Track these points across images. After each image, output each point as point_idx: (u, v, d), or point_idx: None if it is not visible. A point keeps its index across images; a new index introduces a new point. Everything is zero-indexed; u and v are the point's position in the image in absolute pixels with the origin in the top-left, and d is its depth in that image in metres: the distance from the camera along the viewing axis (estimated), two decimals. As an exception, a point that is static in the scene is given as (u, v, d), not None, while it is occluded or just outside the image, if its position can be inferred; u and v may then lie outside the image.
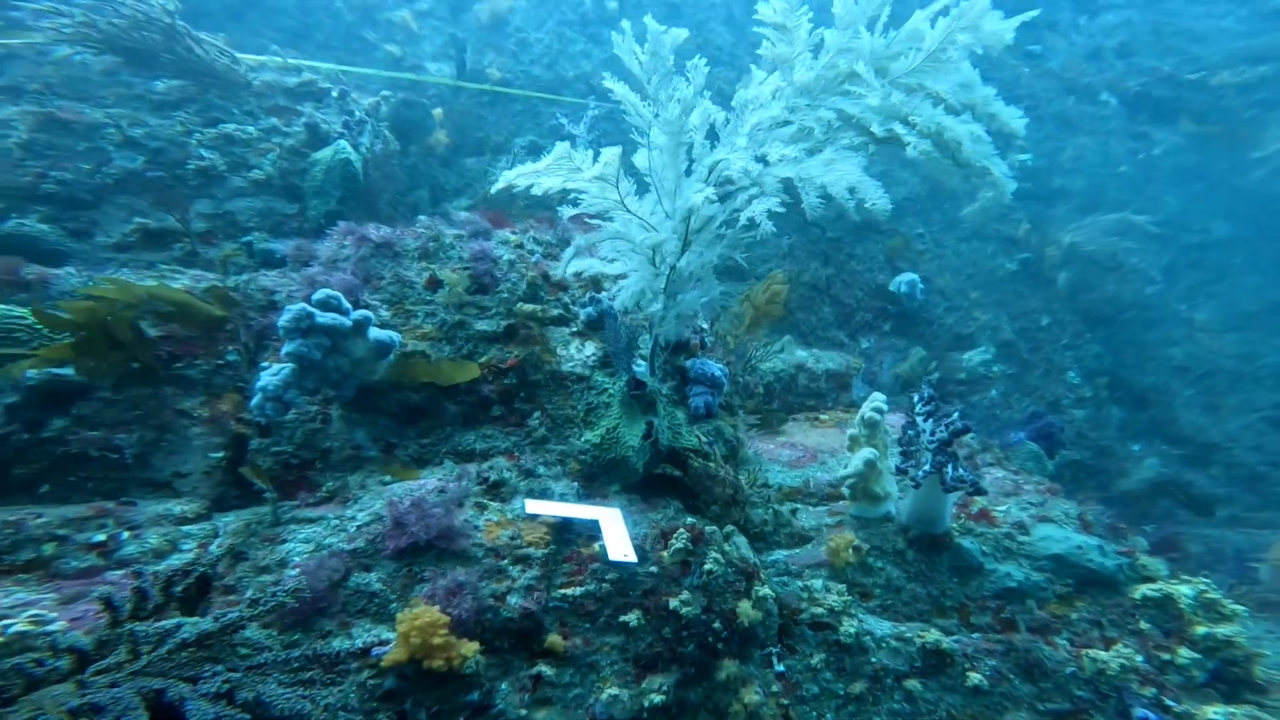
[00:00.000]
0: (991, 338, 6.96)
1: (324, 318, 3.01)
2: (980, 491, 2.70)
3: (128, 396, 2.94)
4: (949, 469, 2.68)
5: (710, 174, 3.07)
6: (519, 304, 3.69)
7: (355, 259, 3.73)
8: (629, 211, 3.18)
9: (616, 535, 2.76)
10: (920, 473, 2.85)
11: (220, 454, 3.00)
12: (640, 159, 3.15)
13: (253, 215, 4.60)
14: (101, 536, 2.48)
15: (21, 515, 2.51)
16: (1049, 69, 9.55)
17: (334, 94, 5.34)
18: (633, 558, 2.69)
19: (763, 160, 3.04)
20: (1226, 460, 6.43)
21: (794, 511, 3.56)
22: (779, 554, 3.38)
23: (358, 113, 5.31)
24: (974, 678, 2.43)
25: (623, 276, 3.41)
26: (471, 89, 8.28)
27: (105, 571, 2.36)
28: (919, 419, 3.03)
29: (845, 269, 7.28)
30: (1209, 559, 5.18)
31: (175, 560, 2.47)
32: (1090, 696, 2.40)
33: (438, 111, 6.79)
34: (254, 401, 3.02)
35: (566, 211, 3.18)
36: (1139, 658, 2.41)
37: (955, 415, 2.80)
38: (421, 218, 4.08)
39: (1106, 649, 2.47)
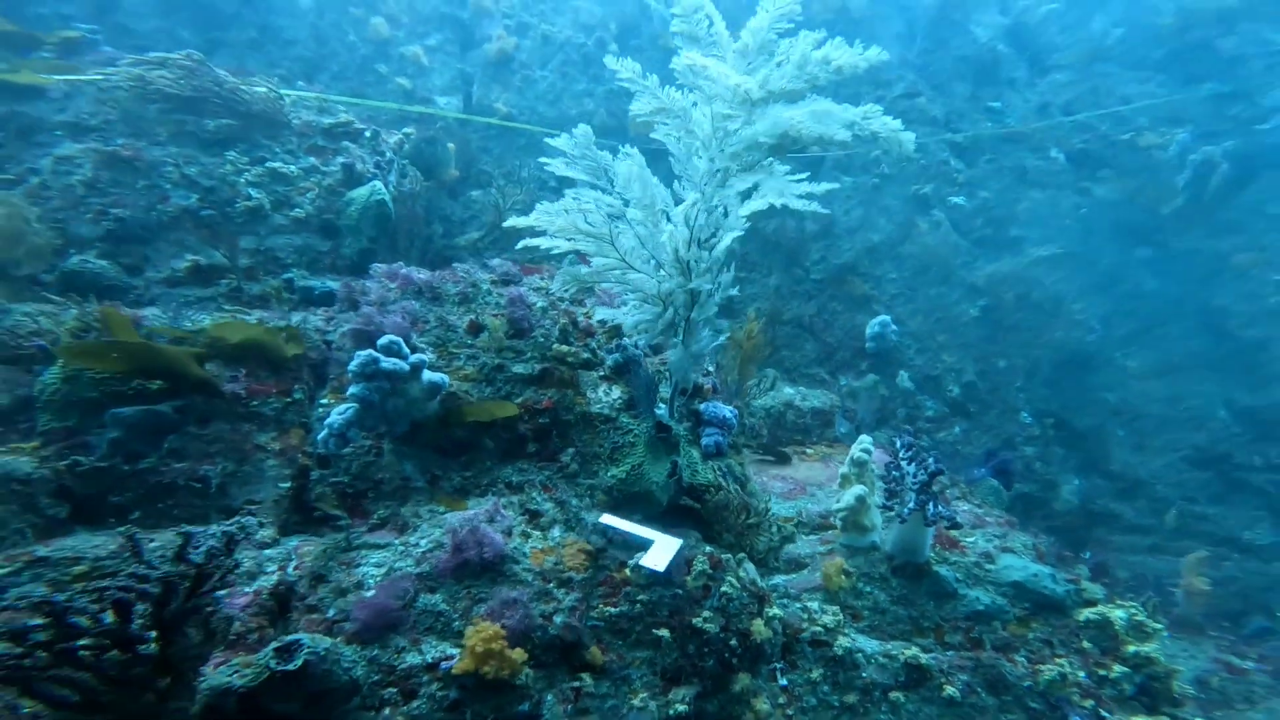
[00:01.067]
0: (956, 379, 7.63)
1: (387, 363, 3.36)
2: (956, 526, 3.22)
3: (212, 431, 3.23)
4: (930, 506, 3.20)
5: (687, 222, 3.48)
6: (554, 348, 4.07)
7: (402, 302, 4.08)
8: (632, 268, 3.60)
9: (661, 554, 3.18)
10: (906, 509, 3.36)
11: (288, 484, 3.31)
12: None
13: (291, 251, 4.88)
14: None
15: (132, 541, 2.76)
16: (1007, 124, 10.43)
17: (367, 134, 5.66)
18: (659, 568, 3.10)
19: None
20: (1150, 494, 7.21)
21: (789, 539, 4.03)
22: (778, 578, 3.85)
23: (387, 152, 5.64)
24: (949, 690, 2.92)
25: (641, 328, 3.80)
26: (478, 123, 8.64)
27: (212, 592, 2.66)
28: (903, 462, 3.55)
29: (827, 309, 7.89)
30: (1134, 583, 5.87)
31: (264, 581, 2.79)
32: (1042, 708, 2.91)
33: (451, 145, 7.14)
34: (320, 436, 3.35)
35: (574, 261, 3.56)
36: (1081, 673, 2.94)
37: (930, 460, 3.33)
38: (458, 264, 4.44)
39: (1053, 664, 3.00)
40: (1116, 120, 10.81)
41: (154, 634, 1.86)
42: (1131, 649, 3.02)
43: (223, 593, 2.51)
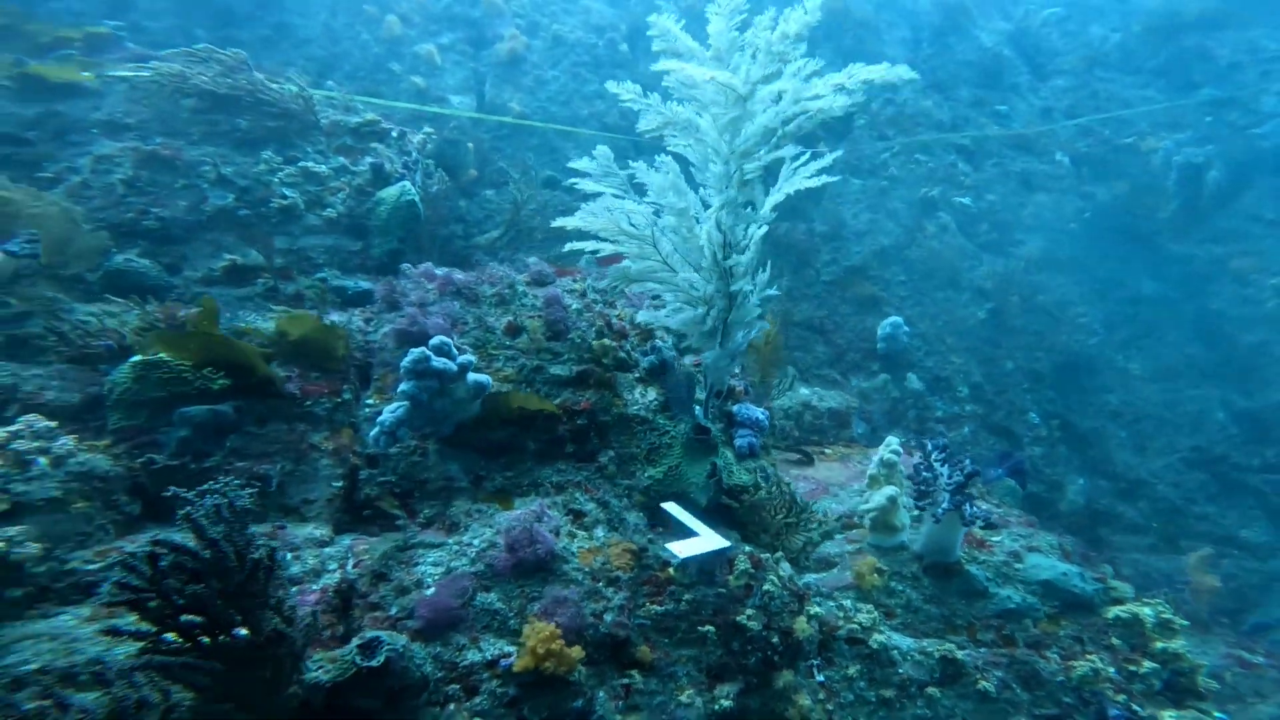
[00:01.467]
0: (964, 379, 7.78)
1: (437, 362, 3.43)
2: (992, 526, 3.35)
3: (270, 431, 3.29)
4: (967, 507, 3.32)
5: (718, 225, 3.60)
6: (595, 343, 4.13)
7: (442, 303, 4.14)
8: (671, 269, 3.71)
9: (693, 545, 3.27)
10: (940, 509, 3.48)
11: (340, 483, 3.38)
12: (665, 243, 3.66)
13: (322, 251, 4.92)
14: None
15: None
16: (1013, 129, 10.60)
17: (393, 134, 5.69)
18: (677, 555, 3.21)
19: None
20: (1150, 495, 7.41)
21: (829, 536, 4.14)
22: (810, 577, 3.96)
23: (413, 152, 5.68)
24: (983, 685, 3.05)
25: (684, 330, 3.91)
26: (490, 123, 8.67)
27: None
28: (935, 464, 3.67)
29: (837, 311, 8.01)
30: (1140, 580, 6.04)
31: (328, 580, 2.86)
32: (1074, 702, 3.05)
33: (470, 145, 7.18)
34: (372, 434, 3.42)
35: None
36: (1111, 669, 3.08)
37: (967, 461, 3.45)
38: (493, 265, 4.50)
39: (1084, 660, 3.13)
40: (1118, 125, 11.02)
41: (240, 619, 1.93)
42: (1159, 645, 3.16)
43: (295, 589, 2.57)
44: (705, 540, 3.34)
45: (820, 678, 3.31)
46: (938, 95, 10.76)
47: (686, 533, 3.51)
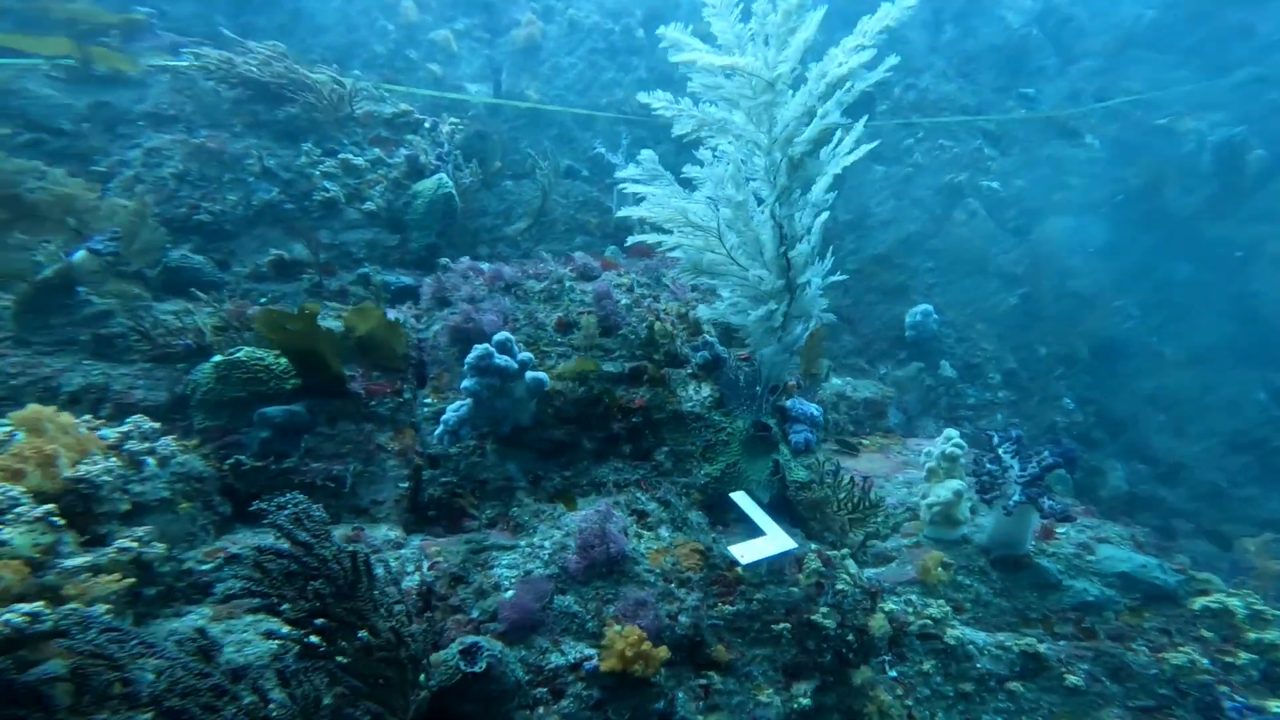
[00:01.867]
0: (997, 366, 7.69)
1: (500, 359, 3.37)
2: (1070, 519, 3.29)
3: (340, 431, 3.25)
4: (1045, 500, 3.26)
5: (774, 217, 3.54)
6: (647, 338, 4.07)
7: (493, 299, 4.07)
8: (736, 263, 3.64)
9: (757, 547, 3.23)
10: (1012, 502, 3.42)
11: (406, 484, 3.34)
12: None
13: (362, 246, 4.86)
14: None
15: None
16: (1040, 111, 10.42)
17: (426, 125, 5.60)
18: (743, 561, 3.16)
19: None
20: (1192, 479, 7.33)
21: (897, 529, 4.08)
22: (869, 572, 3.91)
23: (445, 144, 5.59)
24: (1071, 679, 3.01)
25: (749, 325, 3.83)
26: (507, 112, 8.54)
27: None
28: (1005, 456, 3.60)
29: (862, 300, 7.92)
30: (1199, 566, 5.98)
31: (409, 581, 2.82)
32: (1172, 694, 3.01)
33: (495, 137, 7.08)
34: (436, 433, 3.37)
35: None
36: (1206, 660, 3.03)
37: (1046, 453, 3.38)
38: (545, 255, 4.42)
39: (1177, 652, 3.09)
40: (1150, 106, 10.79)
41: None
42: (1253, 636, 3.11)
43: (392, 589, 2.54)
44: (771, 541, 3.29)
45: (893, 673, 3.28)
46: (961, 80, 10.56)
47: (753, 527, 3.46)
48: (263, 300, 4.27)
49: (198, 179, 4.44)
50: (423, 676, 2.07)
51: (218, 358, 3.16)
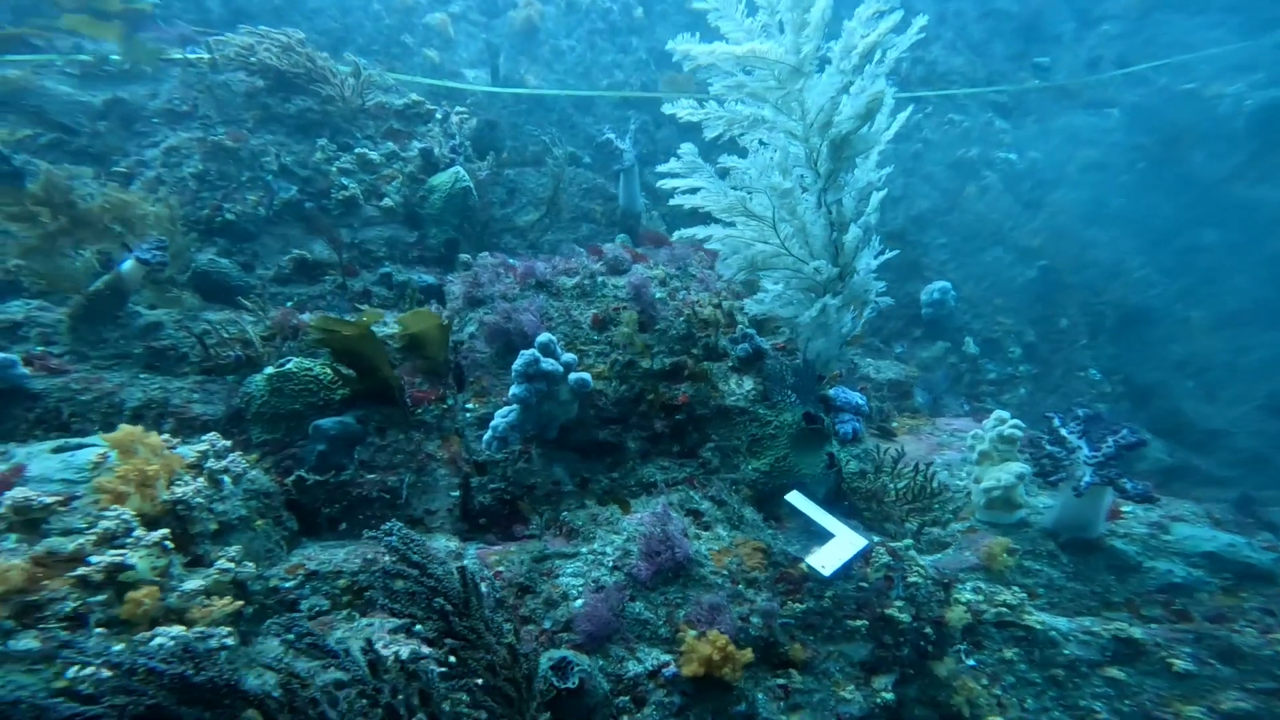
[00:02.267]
0: (1016, 340, 7.58)
1: (546, 363, 3.24)
2: (1152, 500, 3.17)
3: (390, 441, 3.13)
4: (1126, 481, 3.14)
5: (821, 203, 3.43)
6: (689, 331, 3.93)
7: (528, 296, 3.92)
8: (790, 254, 3.51)
9: (834, 552, 3.11)
10: (1084, 483, 3.30)
11: (457, 492, 3.21)
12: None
13: (381, 244, 4.70)
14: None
15: (375, 553, 2.79)
16: (1055, 81, 10.21)
17: (438, 115, 5.42)
18: (825, 572, 3.03)
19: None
20: (1230, 446, 7.23)
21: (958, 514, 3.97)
22: (926, 560, 3.80)
23: (457, 135, 5.41)
24: (1178, 664, 2.90)
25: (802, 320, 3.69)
26: (506, 98, 8.29)
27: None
28: (1071, 437, 3.48)
29: (881, 278, 7.77)
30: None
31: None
32: None
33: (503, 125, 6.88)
34: (485, 438, 3.24)
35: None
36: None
37: (1125, 431, 3.26)
38: (578, 251, 4.27)
39: None
40: (1177, 70, 10.55)
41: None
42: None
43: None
44: (844, 542, 3.18)
45: (971, 662, 3.18)
46: (970, 52, 10.34)
47: (814, 527, 3.34)
48: (289, 304, 4.12)
49: (217, 179, 4.27)
50: (535, 696, 1.99)
51: (270, 369, 3.05)
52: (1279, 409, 7.34)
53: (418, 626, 1.86)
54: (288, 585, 2.68)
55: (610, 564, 2.96)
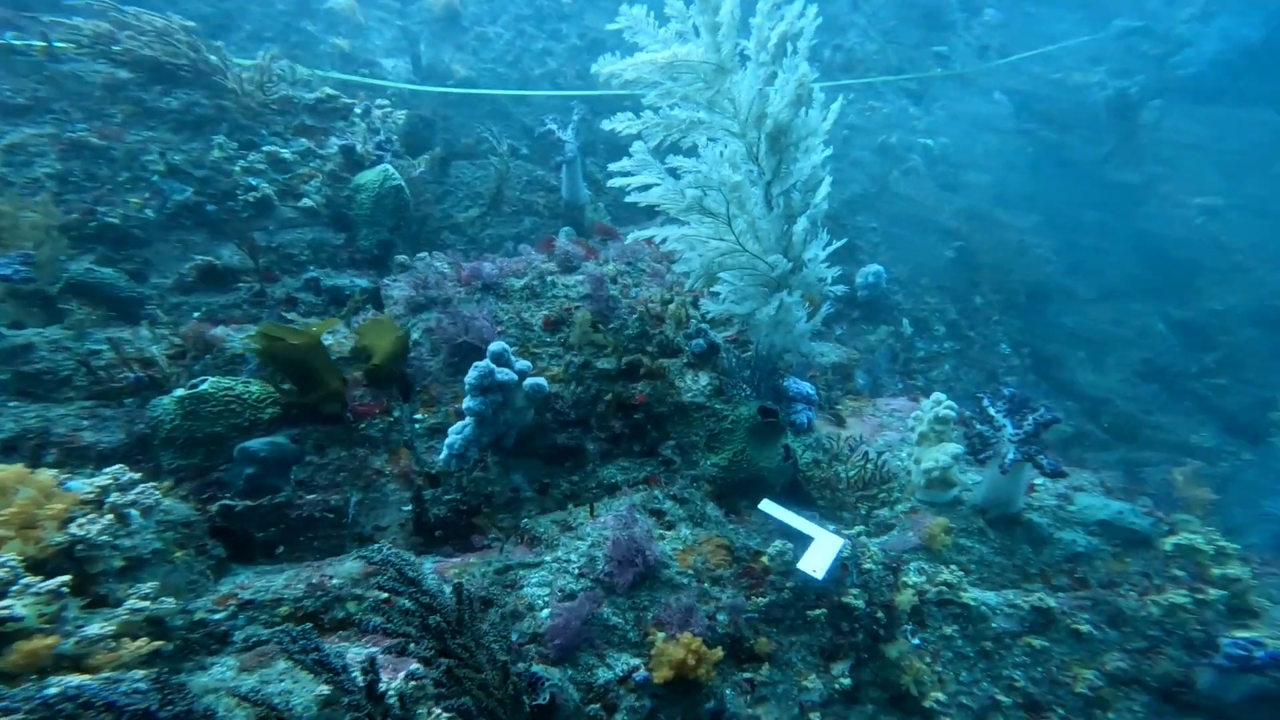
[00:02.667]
0: (940, 318, 8.04)
1: (501, 374, 3.15)
2: (1063, 474, 3.45)
3: (332, 459, 2.94)
4: (1043, 459, 3.40)
5: (766, 200, 3.54)
6: (640, 332, 3.92)
7: (474, 301, 3.79)
8: (745, 249, 3.56)
9: (821, 555, 3.21)
10: (1008, 460, 3.55)
11: (409, 507, 3.08)
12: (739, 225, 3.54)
13: (304, 247, 4.38)
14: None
15: (321, 577, 2.61)
16: (954, 69, 10.77)
17: (357, 110, 5.07)
18: (818, 576, 3.14)
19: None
20: (1112, 411, 8.02)
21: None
22: (875, 543, 4.01)
23: (382, 131, 5.10)
24: (1082, 630, 3.20)
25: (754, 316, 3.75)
26: (432, 89, 7.88)
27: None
28: (998, 415, 3.73)
29: (817, 263, 8.02)
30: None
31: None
32: (1161, 635, 3.26)
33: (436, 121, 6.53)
34: (441, 457, 3.12)
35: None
36: (1186, 599, 3.30)
37: (1043, 410, 3.52)
38: (526, 248, 4.14)
39: (1160, 595, 3.35)
40: (1045, 60, 11.40)
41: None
42: (1217, 571, 3.41)
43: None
44: (825, 544, 3.27)
45: (916, 641, 3.38)
46: (882, 39, 10.72)
47: (791, 532, 3.42)
48: (196, 315, 3.79)
49: (84, 180, 3.81)
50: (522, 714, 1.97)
51: (180, 391, 2.77)
52: (1150, 374, 8.19)
53: (411, 646, 1.83)
54: (217, 617, 2.52)
55: (576, 571, 2.94)
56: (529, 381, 3.37)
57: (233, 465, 2.83)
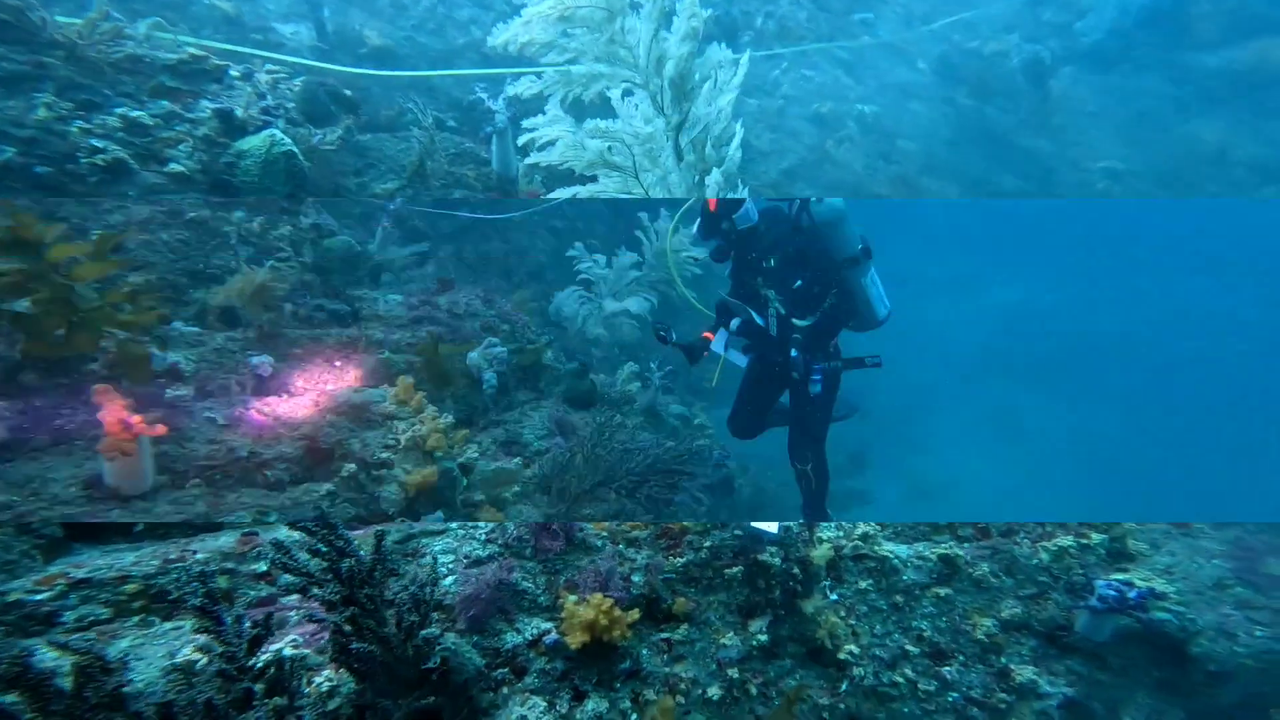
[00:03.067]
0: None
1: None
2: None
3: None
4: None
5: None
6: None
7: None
8: None
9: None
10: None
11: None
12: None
13: (184, 215, 4.03)
14: (264, 566, 2.55)
15: (181, 552, 2.46)
16: (880, 37, 10.89)
17: (233, 73, 4.69)
18: (774, 528, 3.14)
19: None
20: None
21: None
22: (795, 499, 4.07)
23: (270, 96, 4.73)
24: (983, 579, 3.33)
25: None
26: (344, 58, 7.29)
27: (282, 598, 2.45)
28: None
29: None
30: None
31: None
32: (1049, 580, 3.42)
33: (349, 94, 6.09)
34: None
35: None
36: (1070, 542, 3.48)
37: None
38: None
39: (1050, 541, 3.52)
40: (966, 28, 11.66)
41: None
42: (1101, 516, 3.61)
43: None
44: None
45: (834, 596, 3.44)
46: (813, 5, 10.72)
47: None
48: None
49: None
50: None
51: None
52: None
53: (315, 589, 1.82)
54: (39, 598, 2.33)
55: (482, 538, 2.85)
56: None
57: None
